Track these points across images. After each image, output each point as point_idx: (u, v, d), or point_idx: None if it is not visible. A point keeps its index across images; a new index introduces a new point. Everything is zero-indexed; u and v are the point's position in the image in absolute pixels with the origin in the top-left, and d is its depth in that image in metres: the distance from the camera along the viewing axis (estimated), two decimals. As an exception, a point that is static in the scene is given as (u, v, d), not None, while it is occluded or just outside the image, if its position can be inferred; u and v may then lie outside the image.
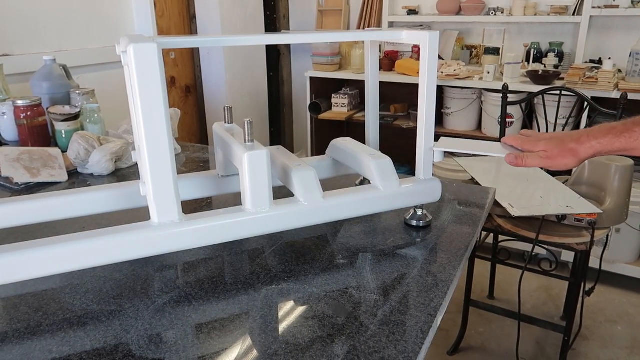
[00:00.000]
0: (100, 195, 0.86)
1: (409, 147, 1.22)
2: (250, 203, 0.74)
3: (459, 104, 2.60)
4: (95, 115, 1.39)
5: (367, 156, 0.86)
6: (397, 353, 0.59)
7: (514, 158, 0.81)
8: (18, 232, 0.88)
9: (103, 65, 2.10)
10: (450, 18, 2.72)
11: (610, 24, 2.48)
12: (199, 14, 2.74)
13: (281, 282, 0.74)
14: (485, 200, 1.04)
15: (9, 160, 1.18)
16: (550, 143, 0.79)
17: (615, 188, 1.55)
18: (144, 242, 0.69)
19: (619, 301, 2.25)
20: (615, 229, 2.24)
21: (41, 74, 1.53)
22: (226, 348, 0.60)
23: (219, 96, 2.85)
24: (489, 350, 1.96)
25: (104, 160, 1.19)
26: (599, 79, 2.17)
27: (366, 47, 0.99)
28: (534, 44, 2.62)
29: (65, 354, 0.59)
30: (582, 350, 1.95)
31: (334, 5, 3.10)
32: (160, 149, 0.66)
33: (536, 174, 1.76)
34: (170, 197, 0.69)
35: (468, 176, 1.71)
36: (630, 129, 0.74)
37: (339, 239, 0.88)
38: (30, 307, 0.69)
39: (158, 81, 0.63)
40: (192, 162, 1.33)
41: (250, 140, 0.75)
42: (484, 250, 2.04)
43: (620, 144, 0.75)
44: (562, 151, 0.78)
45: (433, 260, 0.81)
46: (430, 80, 0.83)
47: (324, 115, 2.85)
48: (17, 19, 1.80)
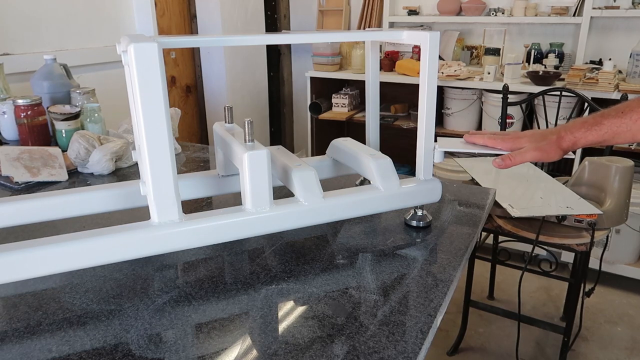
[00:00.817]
0: (100, 195, 0.86)
1: (409, 147, 1.22)
2: (250, 203, 0.74)
3: (459, 105, 2.60)
4: (96, 115, 1.39)
5: (368, 156, 0.86)
6: (397, 353, 0.58)
7: (501, 160, 0.82)
8: (18, 231, 0.88)
9: (103, 65, 2.10)
10: (451, 18, 2.72)
11: (610, 24, 2.48)
12: (200, 13, 2.74)
13: (281, 282, 0.74)
14: (485, 201, 1.04)
15: (9, 159, 1.18)
16: (534, 138, 0.82)
17: (615, 189, 1.55)
18: (144, 242, 0.69)
19: (618, 302, 2.25)
20: (615, 229, 2.24)
21: (41, 73, 1.53)
22: (226, 348, 0.60)
23: (219, 96, 2.85)
24: (488, 350, 1.96)
25: (104, 159, 1.19)
26: (599, 79, 2.17)
27: (367, 47, 0.99)
28: (535, 44, 2.62)
29: (64, 353, 0.59)
30: (581, 351, 1.95)
31: (334, 5, 3.10)
32: (161, 149, 0.66)
33: (536, 174, 1.76)
34: (170, 197, 0.69)
35: (468, 177, 1.71)
36: (599, 122, 0.78)
37: (339, 239, 0.88)
38: (30, 306, 0.69)
39: (158, 81, 0.63)
40: (192, 162, 1.33)
41: (251, 140, 0.75)
42: (484, 251, 2.04)
43: (593, 136, 0.78)
44: (548, 143, 0.80)
45: (433, 260, 0.81)
46: (430, 80, 0.83)
47: (324, 115, 2.85)
48: (17, 18, 1.80)
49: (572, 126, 0.80)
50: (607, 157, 1.61)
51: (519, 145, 0.82)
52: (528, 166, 1.80)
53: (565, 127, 0.80)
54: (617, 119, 0.76)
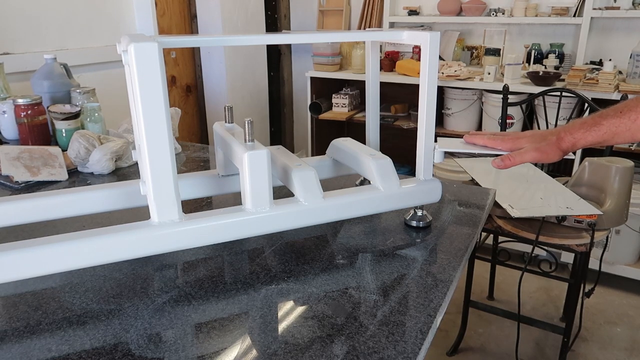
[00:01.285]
0: (100, 194, 0.86)
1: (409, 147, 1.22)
2: (250, 203, 0.74)
3: (459, 105, 2.60)
4: (96, 114, 1.39)
5: (368, 156, 0.86)
6: (397, 353, 0.58)
7: (501, 160, 0.82)
8: (18, 230, 0.88)
9: (104, 64, 2.10)
10: (451, 19, 2.72)
11: (611, 25, 2.48)
12: (200, 13, 2.74)
13: (281, 282, 0.74)
14: (485, 201, 1.04)
15: (9, 158, 1.18)
16: (534, 138, 0.82)
17: (615, 189, 1.55)
18: (144, 242, 0.69)
19: (618, 303, 2.25)
20: (615, 230, 2.24)
21: (42, 72, 1.53)
22: (225, 347, 0.60)
23: (219, 96, 2.85)
24: (488, 351, 1.96)
25: (104, 159, 1.19)
26: (599, 80, 2.17)
27: (367, 48, 0.99)
28: (535, 45, 2.62)
29: (64, 352, 0.59)
30: (581, 352, 1.95)
31: (334, 5, 3.10)
32: (161, 148, 0.66)
33: (536, 175, 1.76)
34: (170, 197, 0.69)
35: (468, 177, 1.71)
36: (598, 122, 0.78)
37: (339, 239, 0.88)
38: (30, 305, 0.69)
39: (159, 80, 0.63)
40: (192, 162, 1.33)
41: (251, 140, 0.75)
42: (483, 251, 2.04)
43: (592, 137, 0.78)
44: (548, 144, 0.80)
45: (433, 260, 0.81)
46: (430, 80, 0.83)
47: (325, 115, 2.85)
48: (18, 18, 1.80)
49: (571, 127, 0.80)
50: (607, 158, 1.61)
51: (518, 145, 0.82)
52: (528, 167, 1.80)
53: (564, 128, 0.80)
54: (616, 119, 0.76)
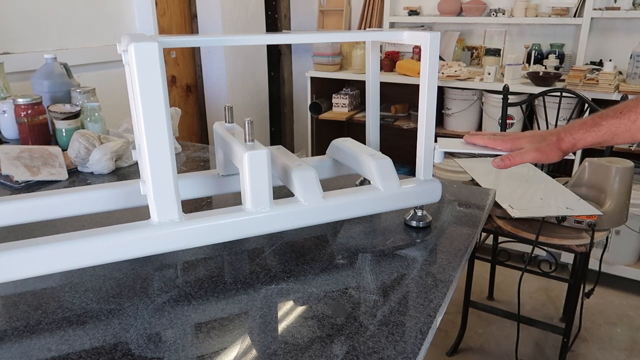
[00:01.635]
0: (100, 194, 0.86)
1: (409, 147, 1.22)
2: (250, 203, 0.74)
3: (459, 105, 2.60)
4: (96, 114, 1.39)
5: (368, 156, 0.86)
6: (396, 353, 0.58)
7: (501, 160, 0.82)
8: (18, 230, 0.88)
9: (104, 64, 2.10)
10: (451, 19, 2.72)
11: (611, 25, 2.48)
12: (200, 13, 2.74)
13: (281, 282, 0.74)
14: (485, 202, 1.04)
15: (9, 158, 1.18)
16: (534, 138, 0.82)
17: (615, 190, 1.55)
18: (144, 241, 0.69)
19: (618, 303, 2.25)
20: (615, 230, 2.24)
21: (42, 72, 1.53)
22: (225, 347, 0.60)
23: (219, 95, 2.85)
24: (488, 351, 1.96)
25: (104, 159, 1.19)
26: (599, 80, 2.17)
27: (367, 48, 0.99)
28: (535, 45, 2.62)
29: (64, 352, 0.59)
30: (581, 352, 1.95)
31: (335, 5, 3.10)
32: (161, 148, 0.66)
33: (536, 175, 1.76)
34: (170, 197, 0.69)
35: (468, 177, 1.71)
36: (598, 123, 0.78)
37: (339, 239, 0.88)
38: (30, 305, 0.69)
39: (159, 80, 0.63)
40: (192, 162, 1.33)
41: (251, 140, 0.75)
42: (483, 251, 2.04)
43: (592, 137, 0.78)
44: (548, 145, 0.80)
45: (433, 261, 0.81)
46: (431, 81, 0.83)
47: (325, 116, 2.85)
48: (18, 17, 1.80)
49: (571, 127, 0.80)
50: (607, 158, 1.61)
51: (518, 145, 0.82)
52: (528, 167, 1.80)
53: (564, 129, 0.81)
54: (615, 120, 0.76)
